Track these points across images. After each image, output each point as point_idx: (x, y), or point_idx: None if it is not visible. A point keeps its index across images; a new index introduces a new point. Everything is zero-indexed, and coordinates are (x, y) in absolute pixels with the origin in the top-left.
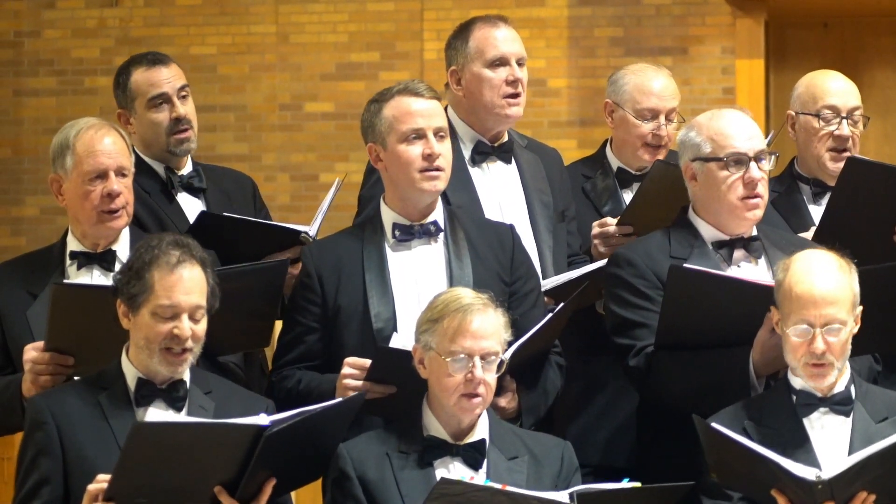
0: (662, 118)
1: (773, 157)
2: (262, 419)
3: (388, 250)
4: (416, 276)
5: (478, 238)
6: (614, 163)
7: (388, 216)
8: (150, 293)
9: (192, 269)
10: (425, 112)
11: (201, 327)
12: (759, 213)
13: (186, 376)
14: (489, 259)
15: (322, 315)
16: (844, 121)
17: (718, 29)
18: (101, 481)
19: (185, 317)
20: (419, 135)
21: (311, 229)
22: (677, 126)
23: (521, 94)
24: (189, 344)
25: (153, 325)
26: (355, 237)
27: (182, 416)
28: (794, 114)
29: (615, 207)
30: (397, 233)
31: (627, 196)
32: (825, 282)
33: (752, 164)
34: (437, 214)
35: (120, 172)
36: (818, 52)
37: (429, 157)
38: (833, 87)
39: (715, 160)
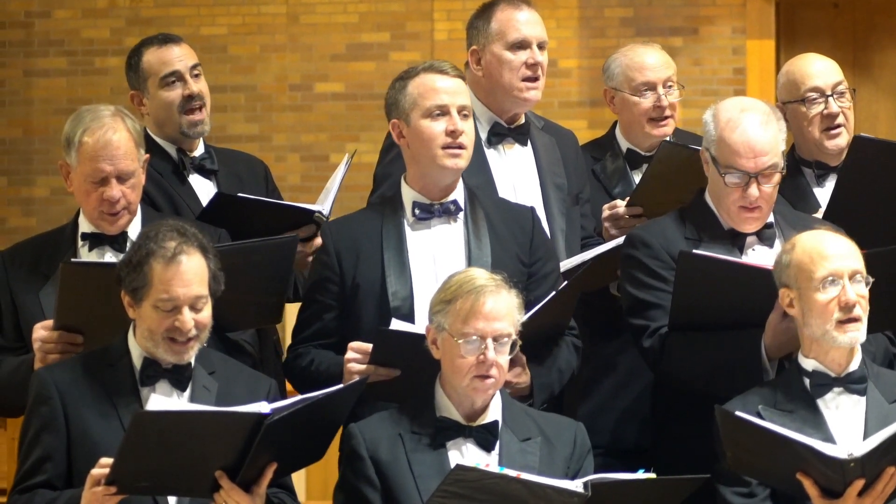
0: (660, 89)
1: (777, 175)
2: (264, 406)
3: (407, 229)
4: (435, 255)
5: (497, 219)
6: (623, 144)
7: (409, 195)
8: (149, 287)
9: (191, 259)
10: (450, 89)
11: (205, 315)
12: (756, 224)
13: (192, 357)
14: (508, 240)
15: (340, 293)
16: (830, 98)
17: (729, 9)
18: (104, 466)
19: (185, 309)
20: (443, 111)
21: (325, 208)
22: (678, 94)
23: (539, 77)
24: (193, 333)
25: (155, 318)
26: (375, 215)
27: (184, 401)
28: (782, 104)
29: (625, 189)
30: (417, 211)
31: (637, 177)
32: (840, 240)
33: (753, 185)
34: (458, 194)
35: (121, 177)
36: (829, 32)
37: (452, 134)
38: (812, 70)
39: (718, 166)
